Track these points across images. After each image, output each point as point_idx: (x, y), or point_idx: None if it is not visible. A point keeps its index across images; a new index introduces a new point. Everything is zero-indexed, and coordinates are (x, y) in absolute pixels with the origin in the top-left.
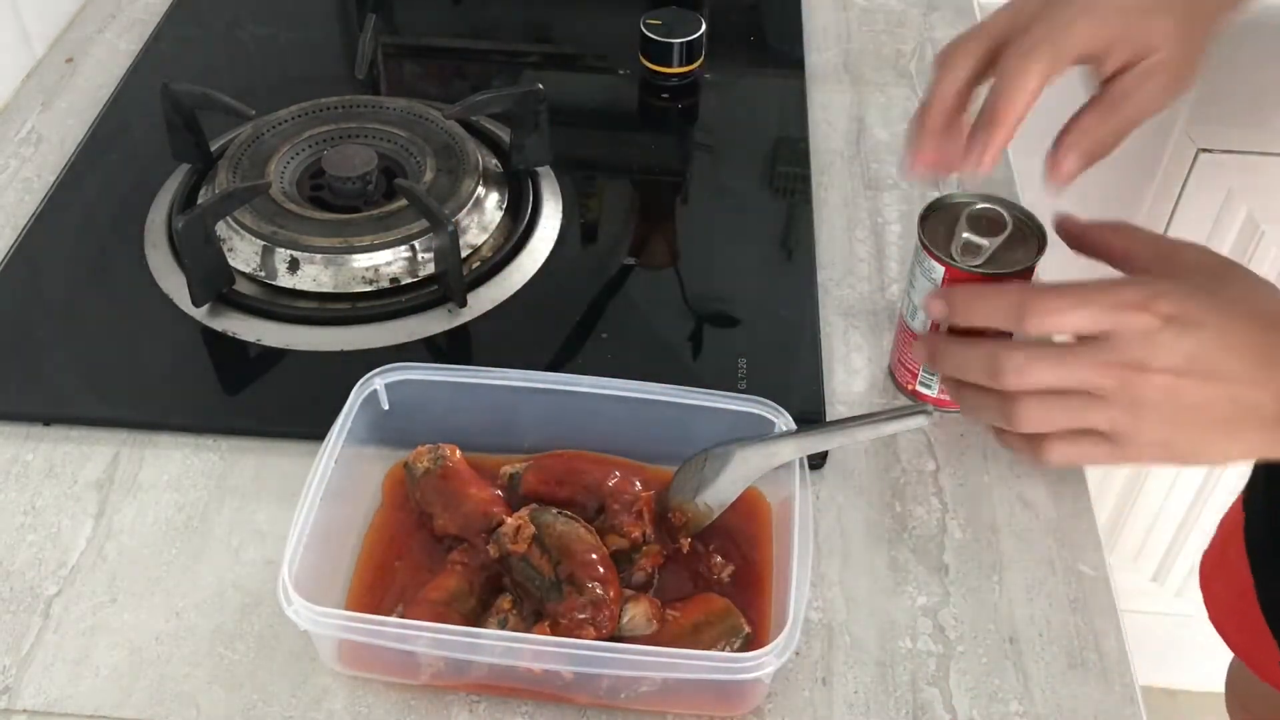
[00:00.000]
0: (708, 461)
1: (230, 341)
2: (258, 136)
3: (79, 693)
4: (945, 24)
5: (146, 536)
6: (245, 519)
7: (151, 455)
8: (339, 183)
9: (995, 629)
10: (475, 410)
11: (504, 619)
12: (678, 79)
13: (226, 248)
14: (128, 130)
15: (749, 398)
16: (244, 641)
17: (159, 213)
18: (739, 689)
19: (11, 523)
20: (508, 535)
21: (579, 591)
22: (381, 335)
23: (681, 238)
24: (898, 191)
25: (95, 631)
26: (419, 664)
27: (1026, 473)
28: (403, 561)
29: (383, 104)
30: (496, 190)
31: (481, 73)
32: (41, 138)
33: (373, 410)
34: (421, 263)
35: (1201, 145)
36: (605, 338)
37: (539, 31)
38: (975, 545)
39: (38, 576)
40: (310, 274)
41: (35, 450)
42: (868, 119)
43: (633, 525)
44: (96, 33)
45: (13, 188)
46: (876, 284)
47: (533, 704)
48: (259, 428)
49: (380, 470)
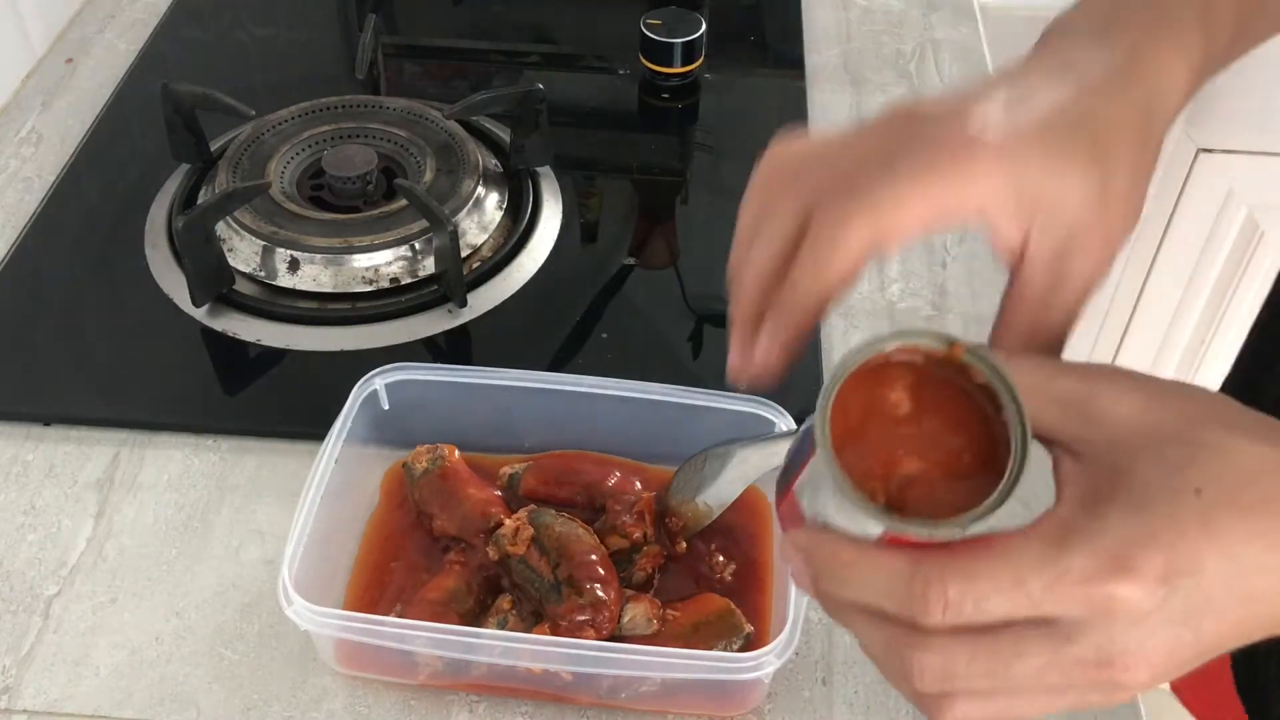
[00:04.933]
0: (708, 461)
1: (230, 341)
2: (258, 136)
3: (79, 693)
4: (945, 24)
5: (146, 536)
6: (245, 519)
7: (151, 455)
8: (339, 183)
9: None
10: (475, 410)
11: (503, 619)
12: (678, 79)
13: (226, 248)
14: (128, 130)
15: (749, 398)
16: (244, 641)
17: (159, 213)
18: (739, 689)
19: (11, 523)
20: (506, 537)
21: (578, 593)
22: (381, 335)
23: (681, 238)
24: None
25: (95, 631)
26: (417, 664)
27: (1026, 472)
28: (400, 562)
29: (383, 104)
30: (496, 190)
31: (481, 73)
32: (41, 137)
33: (372, 410)
34: (421, 263)
35: (1201, 145)
36: (605, 338)
37: (539, 31)
38: None
39: (38, 576)
40: (310, 274)
41: (35, 450)
42: None
43: (633, 525)
44: (96, 33)
45: (13, 187)
46: (876, 284)
47: (532, 704)
48: (259, 428)
49: (380, 470)
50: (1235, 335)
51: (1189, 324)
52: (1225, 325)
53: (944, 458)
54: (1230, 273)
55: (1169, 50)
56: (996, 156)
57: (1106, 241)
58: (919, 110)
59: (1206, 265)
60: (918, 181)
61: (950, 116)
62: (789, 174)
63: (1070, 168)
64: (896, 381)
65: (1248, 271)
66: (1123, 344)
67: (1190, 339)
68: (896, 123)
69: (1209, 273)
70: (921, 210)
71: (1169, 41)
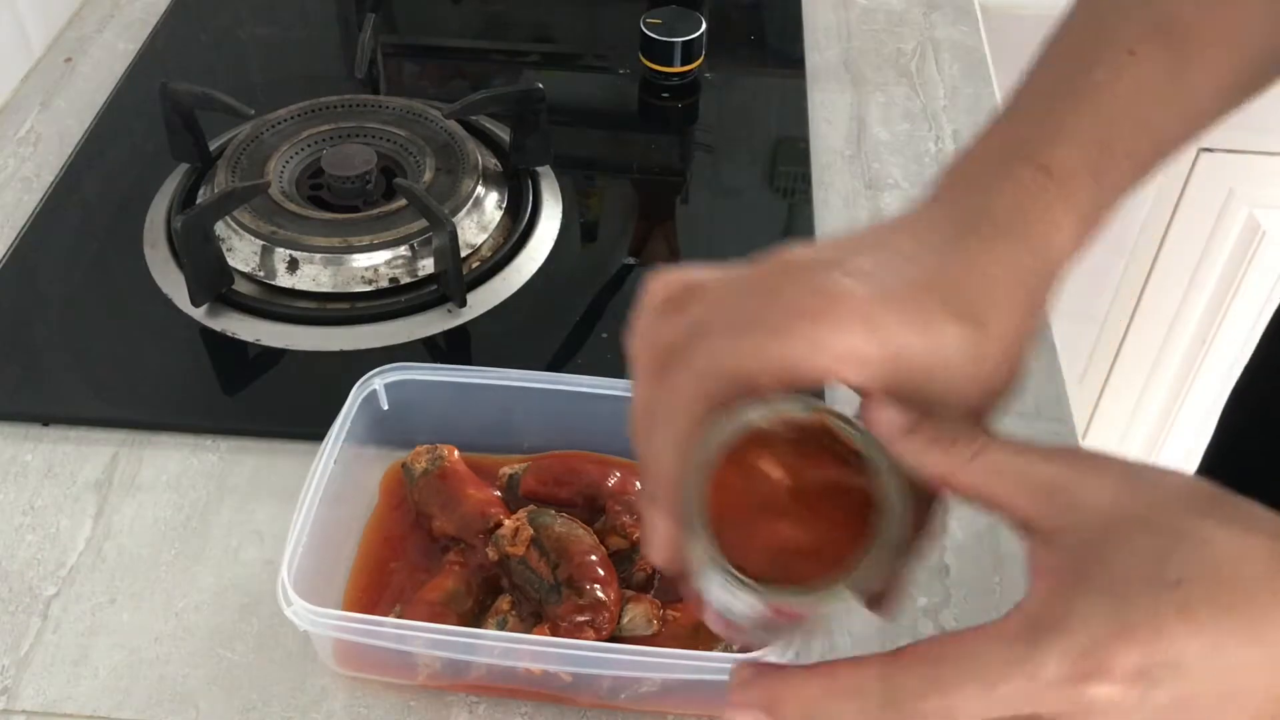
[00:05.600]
0: None
1: (229, 341)
2: (257, 136)
3: (78, 693)
4: (946, 23)
5: (145, 537)
6: (244, 519)
7: (150, 455)
8: (338, 182)
9: None
10: (475, 410)
11: (503, 620)
12: (678, 79)
13: (226, 247)
14: (127, 130)
15: None
16: (243, 642)
17: (158, 212)
18: None
19: (10, 523)
20: (506, 537)
21: (578, 594)
22: (381, 335)
23: (681, 238)
24: (898, 191)
25: (94, 632)
26: (416, 665)
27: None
28: (400, 562)
29: (382, 103)
30: (496, 190)
31: (481, 72)
32: (40, 137)
33: (372, 410)
34: (421, 263)
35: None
36: (605, 338)
37: (539, 31)
38: (976, 546)
39: (37, 577)
40: (309, 274)
41: (34, 450)
42: (868, 118)
43: (633, 525)
44: (95, 32)
45: (11, 187)
46: None
47: (532, 705)
48: (258, 428)
49: (379, 471)
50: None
51: (1190, 324)
52: (1226, 325)
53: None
54: (1231, 273)
55: (1058, 207)
56: (867, 313)
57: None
58: (795, 260)
59: (1207, 265)
60: (782, 338)
61: (822, 271)
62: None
63: (944, 326)
64: (771, 453)
65: (1248, 271)
66: (1123, 344)
67: (1191, 339)
68: (773, 272)
69: (1210, 273)
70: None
71: (1059, 199)
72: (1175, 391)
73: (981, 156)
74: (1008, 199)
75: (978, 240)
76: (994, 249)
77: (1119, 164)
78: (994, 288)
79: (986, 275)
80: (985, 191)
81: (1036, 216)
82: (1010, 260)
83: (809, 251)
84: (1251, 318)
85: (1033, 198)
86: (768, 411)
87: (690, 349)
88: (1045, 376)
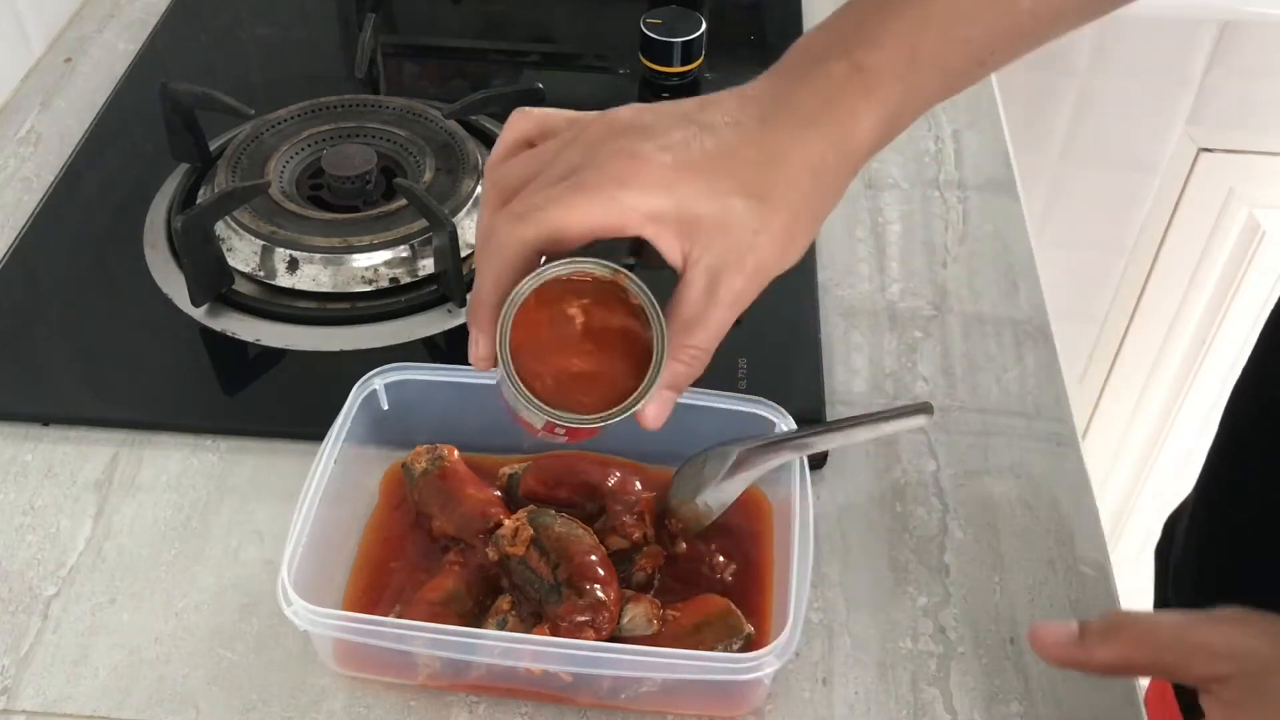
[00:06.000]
0: (708, 461)
1: (229, 341)
2: (257, 136)
3: (78, 693)
4: None
5: (145, 537)
6: (244, 519)
7: (150, 455)
8: (338, 182)
9: (996, 630)
10: (475, 410)
11: (503, 620)
12: (678, 79)
13: (226, 247)
14: (126, 130)
15: (749, 398)
16: (243, 642)
17: (158, 212)
18: (739, 689)
19: (10, 523)
20: (506, 537)
21: (578, 594)
22: (381, 335)
23: None
24: (898, 191)
25: (94, 632)
26: (416, 665)
27: (1028, 473)
28: (400, 562)
29: (382, 103)
30: None
31: (481, 72)
32: (40, 137)
33: (372, 410)
34: (421, 262)
35: (1202, 145)
36: None
37: (539, 31)
38: (976, 546)
39: (37, 577)
40: (309, 274)
41: (34, 450)
42: None
43: (633, 526)
44: (95, 32)
45: (11, 187)
46: (877, 284)
47: (532, 705)
48: (258, 428)
49: (379, 471)
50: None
51: (1190, 324)
52: (1227, 324)
53: (607, 363)
54: (1231, 272)
55: (862, 105)
56: (666, 179)
57: (757, 270)
58: (621, 123)
59: (1207, 265)
60: (592, 195)
61: (639, 137)
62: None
63: (731, 198)
64: (573, 300)
65: (1248, 271)
66: (1123, 344)
67: (1191, 339)
68: (600, 133)
69: (1210, 273)
70: (590, 222)
71: (864, 96)
72: (1175, 391)
73: (808, 46)
74: (818, 89)
75: (779, 124)
76: (794, 134)
77: (927, 71)
78: (783, 169)
79: (778, 157)
80: (801, 79)
81: (840, 109)
82: (805, 146)
83: (637, 115)
84: (1251, 318)
85: (841, 91)
86: (576, 267)
87: (522, 199)
88: (1045, 376)
